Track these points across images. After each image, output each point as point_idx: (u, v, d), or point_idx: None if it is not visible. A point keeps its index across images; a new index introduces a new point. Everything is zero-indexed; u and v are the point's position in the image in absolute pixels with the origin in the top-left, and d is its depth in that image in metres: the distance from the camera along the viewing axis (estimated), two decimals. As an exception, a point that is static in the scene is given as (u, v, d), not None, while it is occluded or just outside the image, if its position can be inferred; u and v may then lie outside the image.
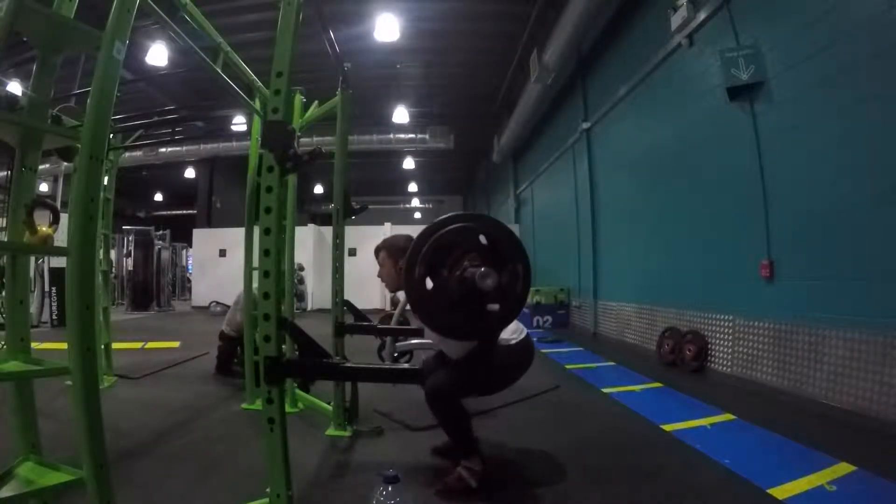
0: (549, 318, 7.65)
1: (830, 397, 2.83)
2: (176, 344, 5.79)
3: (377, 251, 2.25)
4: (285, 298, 2.81)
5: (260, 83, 2.98)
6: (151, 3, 1.63)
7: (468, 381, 1.90)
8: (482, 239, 1.52)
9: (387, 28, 7.01)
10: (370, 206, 3.45)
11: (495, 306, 1.53)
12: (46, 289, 7.71)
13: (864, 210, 2.67)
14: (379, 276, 2.24)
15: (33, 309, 7.26)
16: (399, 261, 2.09)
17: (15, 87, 5.02)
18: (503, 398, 3.18)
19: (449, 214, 1.58)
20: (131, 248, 11.31)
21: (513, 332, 2.00)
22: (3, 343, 1.46)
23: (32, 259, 5.56)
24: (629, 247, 5.71)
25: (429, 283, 1.56)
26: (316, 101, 3.24)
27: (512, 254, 1.51)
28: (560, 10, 5.88)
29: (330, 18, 2.28)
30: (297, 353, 1.91)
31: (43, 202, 1.64)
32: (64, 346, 1.24)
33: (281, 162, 1.45)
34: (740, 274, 3.65)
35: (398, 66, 9.20)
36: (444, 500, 1.83)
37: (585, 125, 6.76)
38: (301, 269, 9.79)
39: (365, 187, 17.44)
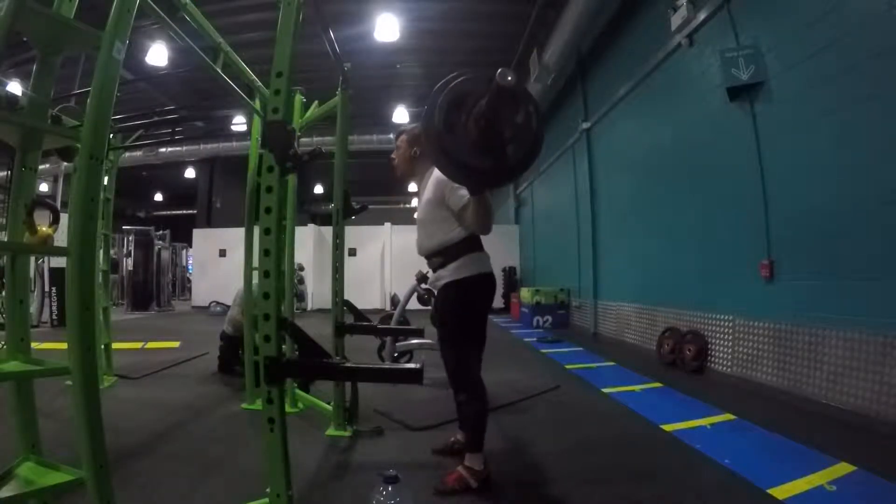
0: (549, 318, 7.65)
1: (830, 397, 2.83)
2: (176, 344, 5.79)
3: (399, 133, 2.24)
4: (285, 298, 2.81)
5: (260, 83, 2.98)
6: (151, 3, 1.63)
7: (461, 302, 1.94)
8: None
9: (387, 28, 7.01)
10: (370, 206, 3.45)
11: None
12: (46, 289, 7.71)
13: (864, 210, 2.67)
14: (393, 156, 2.24)
15: (33, 309, 7.26)
16: (413, 147, 2.12)
17: (15, 87, 5.01)
18: (503, 398, 3.18)
19: (460, 73, 1.55)
20: (131, 248, 11.31)
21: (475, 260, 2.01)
22: (3, 343, 1.46)
23: (32, 259, 5.56)
24: (629, 247, 5.71)
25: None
26: (316, 101, 3.23)
27: (522, 94, 1.49)
28: (560, 10, 5.89)
29: (330, 18, 2.27)
30: (297, 353, 1.91)
31: (43, 202, 1.64)
32: (64, 346, 1.24)
33: (281, 162, 1.45)
34: (740, 274, 3.65)
35: (398, 66, 9.21)
36: (444, 500, 1.83)
37: (585, 125, 6.76)
38: (301, 269, 9.79)
39: (365, 187, 17.43)
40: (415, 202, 20.87)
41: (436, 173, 1.93)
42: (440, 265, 2.01)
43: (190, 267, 13.94)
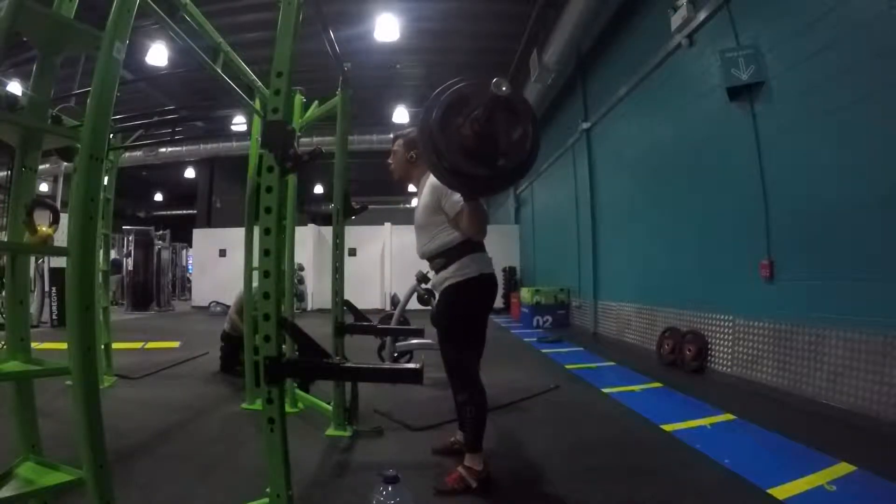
0: (549, 318, 7.65)
1: (830, 397, 2.83)
2: (176, 344, 5.79)
3: (396, 137, 2.25)
4: (285, 298, 2.81)
5: (260, 83, 2.98)
6: (151, 3, 1.63)
7: (458, 304, 1.96)
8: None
9: (387, 28, 7.01)
10: (370, 206, 3.44)
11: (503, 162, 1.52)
12: (46, 289, 7.70)
13: (864, 210, 2.67)
14: (390, 161, 2.26)
15: (33, 309, 7.26)
16: (410, 151, 2.14)
17: (15, 87, 5.02)
18: (503, 398, 3.18)
19: (465, 77, 1.56)
20: (131, 248, 11.31)
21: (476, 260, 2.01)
22: (3, 343, 1.46)
23: (32, 259, 5.56)
24: (629, 247, 5.71)
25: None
26: (316, 101, 3.24)
27: (524, 113, 1.50)
28: (560, 10, 5.88)
29: (330, 18, 2.28)
30: (297, 353, 1.91)
31: (43, 202, 1.63)
32: (64, 346, 1.24)
33: (281, 162, 1.45)
34: (740, 274, 3.65)
35: (398, 66, 9.21)
36: (444, 500, 1.83)
37: (585, 125, 6.76)
38: (301, 269, 9.79)
39: (365, 187, 17.42)
40: (415, 202, 20.90)
41: (432, 178, 1.93)
42: (442, 266, 2.01)
43: (190, 267, 13.94)
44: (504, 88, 1.29)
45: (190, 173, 15.19)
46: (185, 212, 18.45)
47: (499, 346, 5.39)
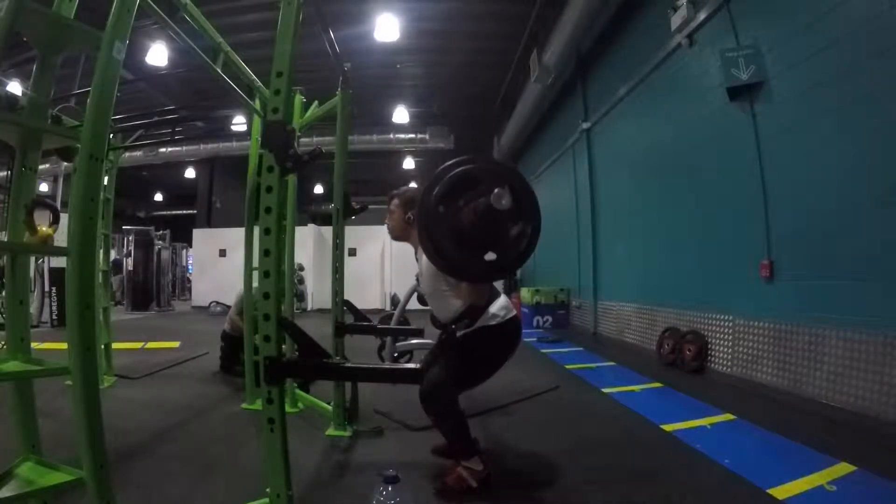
0: (549, 318, 7.65)
1: (830, 397, 2.83)
2: (176, 344, 5.78)
3: (391, 197, 2.23)
4: (285, 298, 2.81)
5: (260, 83, 2.98)
6: (151, 3, 1.63)
7: (460, 363, 1.86)
8: (507, 189, 1.48)
9: (387, 28, 7.01)
10: (370, 206, 3.45)
11: (493, 256, 1.53)
12: (46, 289, 7.70)
13: (864, 210, 2.67)
14: (386, 221, 2.25)
15: (33, 309, 7.26)
16: (408, 211, 2.11)
17: (15, 87, 5.02)
18: (503, 398, 3.18)
19: (482, 155, 1.58)
20: (131, 248, 11.30)
21: (501, 308, 1.97)
22: (3, 343, 1.46)
23: (32, 259, 5.56)
24: (629, 247, 5.71)
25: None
26: (316, 101, 3.23)
27: (528, 212, 1.50)
28: (560, 10, 5.89)
29: (330, 18, 2.27)
30: (297, 353, 1.91)
31: (43, 202, 1.64)
32: (64, 346, 1.24)
33: (281, 162, 1.45)
34: (740, 274, 3.65)
35: (398, 66, 9.21)
36: (444, 500, 1.83)
37: (585, 125, 6.76)
38: (301, 269, 9.78)
39: (365, 187, 17.41)
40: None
41: None
42: (467, 326, 1.91)
43: (190, 267, 13.93)
44: (504, 202, 1.30)
45: (190, 173, 15.17)
46: (185, 212, 18.44)
47: (499, 346, 5.37)
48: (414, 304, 4.06)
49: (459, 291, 1.88)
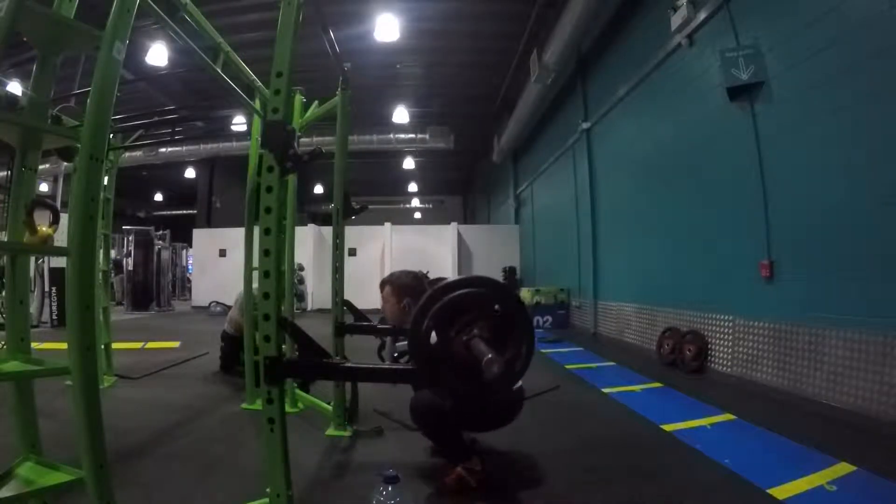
0: (549, 318, 7.65)
1: (830, 397, 2.83)
2: (176, 344, 5.78)
3: (382, 285, 2.27)
4: (285, 298, 2.81)
5: (260, 83, 2.98)
6: (151, 3, 1.63)
7: (455, 416, 1.88)
8: (497, 308, 1.52)
9: (387, 28, 7.01)
10: (370, 206, 3.44)
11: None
12: (46, 289, 7.70)
13: (864, 210, 2.67)
14: (382, 309, 2.28)
15: (33, 309, 7.26)
16: (403, 299, 2.14)
17: (15, 87, 5.02)
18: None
19: (467, 277, 1.60)
20: (131, 248, 11.30)
21: None
22: (3, 343, 1.46)
23: (32, 259, 5.56)
24: (629, 247, 5.71)
25: (433, 338, 1.54)
26: (316, 101, 3.23)
27: (521, 333, 1.51)
28: (560, 10, 5.89)
29: (330, 18, 2.27)
30: (297, 353, 1.91)
31: (43, 202, 1.64)
32: (64, 346, 1.24)
33: (281, 162, 1.45)
34: (740, 274, 3.65)
35: (398, 66, 9.20)
36: (444, 500, 1.83)
37: (585, 125, 6.76)
38: (301, 269, 9.78)
39: (365, 187, 17.43)
40: (415, 202, 20.88)
41: None
42: None
43: (190, 267, 13.94)
44: (494, 369, 1.31)
45: (190, 173, 15.18)
46: (185, 212, 18.45)
47: (499, 346, 5.38)
48: (414, 304, 4.05)
49: None
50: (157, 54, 7.19)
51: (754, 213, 3.47)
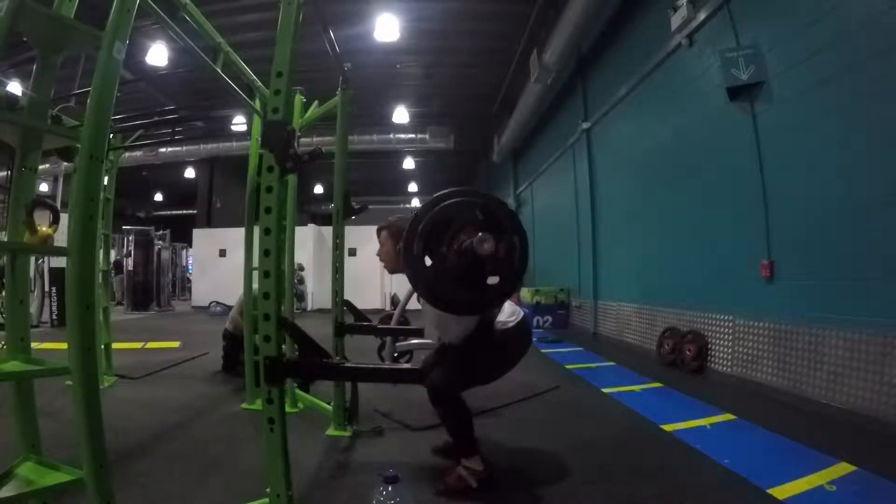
0: (549, 318, 7.65)
1: (830, 397, 2.83)
2: (176, 344, 5.79)
3: (379, 230, 2.23)
4: (285, 298, 2.81)
5: (260, 83, 2.98)
6: (151, 3, 1.63)
7: (469, 368, 1.90)
8: (478, 214, 1.51)
9: (387, 28, 7.01)
10: (370, 206, 3.44)
11: (495, 279, 1.53)
12: (46, 289, 7.70)
13: (864, 210, 2.67)
14: (378, 254, 2.23)
15: (33, 309, 7.26)
16: (399, 243, 2.10)
17: (15, 87, 5.02)
18: (503, 398, 3.18)
19: (443, 191, 1.58)
20: (131, 248, 11.30)
21: (509, 315, 1.98)
22: (3, 343, 1.46)
23: (32, 259, 5.56)
24: (629, 247, 5.71)
25: (428, 261, 1.55)
26: (316, 101, 3.23)
27: (508, 226, 1.51)
28: (560, 10, 5.88)
29: (330, 18, 2.27)
30: (297, 353, 1.91)
31: (43, 202, 1.64)
32: (64, 346, 1.24)
33: (281, 162, 1.45)
34: (740, 274, 3.65)
35: (398, 66, 9.21)
36: (444, 500, 1.83)
37: (585, 125, 6.76)
38: (301, 269, 9.78)
39: (365, 187, 17.44)
40: (415, 202, 20.88)
41: None
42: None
43: (190, 267, 13.94)
44: (486, 246, 1.31)
45: (190, 173, 15.18)
46: (185, 212, 18.45)
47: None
48: (414, 304, 4.04)
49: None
50: (157, 54, 7.20)
51: (754, 212, 3.47)
